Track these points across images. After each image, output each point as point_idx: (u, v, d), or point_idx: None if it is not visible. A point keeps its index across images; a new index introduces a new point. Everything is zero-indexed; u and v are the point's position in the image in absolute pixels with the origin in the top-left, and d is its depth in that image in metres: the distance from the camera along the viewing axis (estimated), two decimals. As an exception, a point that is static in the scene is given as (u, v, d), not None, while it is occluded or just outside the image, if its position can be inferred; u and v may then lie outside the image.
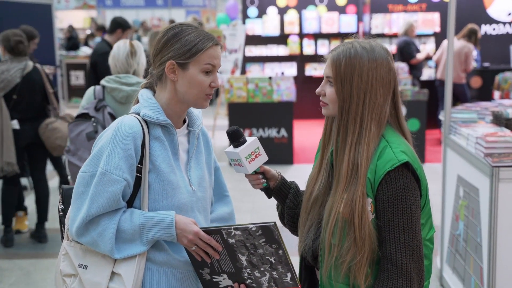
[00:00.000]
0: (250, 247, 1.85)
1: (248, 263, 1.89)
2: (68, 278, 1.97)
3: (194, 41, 1.93)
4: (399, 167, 1.74)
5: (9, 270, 4.82)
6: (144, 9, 18.41)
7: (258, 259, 1.87)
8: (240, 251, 1.87)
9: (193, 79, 1.94)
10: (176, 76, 1.95)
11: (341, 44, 1.85)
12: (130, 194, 1.93)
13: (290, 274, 1.86)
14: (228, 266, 1.93)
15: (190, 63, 1.94)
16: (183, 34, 1.95)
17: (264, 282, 1.91)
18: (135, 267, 1.90)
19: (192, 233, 1.89)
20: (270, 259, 1.85)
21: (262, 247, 1.83)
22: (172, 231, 1.89)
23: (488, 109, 4.42)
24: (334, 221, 1.78)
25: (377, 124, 1.80)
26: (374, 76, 1.78)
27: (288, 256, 1.84)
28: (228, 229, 1.85)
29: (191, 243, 1.90)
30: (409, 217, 1.74)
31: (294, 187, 2.09)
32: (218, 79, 7.60)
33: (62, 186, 2.11)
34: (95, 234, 1.88)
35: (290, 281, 1.87)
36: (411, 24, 9.31)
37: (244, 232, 1.83)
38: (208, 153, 2.16)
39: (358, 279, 1.77)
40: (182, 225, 1.89)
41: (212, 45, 1.95)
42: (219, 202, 2.25)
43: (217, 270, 1.95)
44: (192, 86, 1.95)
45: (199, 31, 1.97)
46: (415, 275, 1.75)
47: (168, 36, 1.96)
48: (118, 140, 1.89)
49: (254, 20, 11.35)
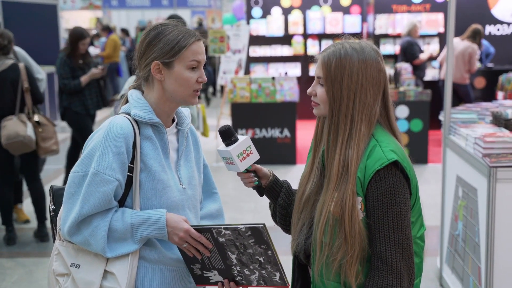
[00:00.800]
0: (239, 246, 1.87)
1: (238, 261, 1.92)
2: (61, 277, 1.99)
3: (176, 39, 1.95)
4: (388, 165, 1.76)
5: (11, 268, 4.86)
6: (149, 10, 18.46)
7: (247, 258, 1.89)
8: (230, 249, 1.90)
9: (179, 76, 1.96)
10: (163, 75, 1.97)
11: (332, 45, 1.88)
12: (122, 193, 1.95)
13: (279, 273, 1.88)
14: (219, 263, 1.95)
15: (175, 61, 1.95)
16: (165, 33, 1.97)
17: (253, 279, 1.94)
18: (128, 265, 1.92)
19: (182, 230, 1.91)
20: (259, 258, 1.87)
21: (251, 247, 1.86)
22: (163, 229, 1.91)
23: (489, 109, 4.42)
24: (325, 220, 1.80)
25: (367, 124, 1.82)
26: (364, 76, 1.80)
27: (277, 257, 1.86)
28: (218, 228, 1.87)
29: (182, 240, 1.92)
30: (399, 215, 1.76)
31: (286, 186, 2.11)
32: (223, 79, 7.65)
33: (52, 186, 2.13)
34: (87, 234, 1.90)
35: (279, 280, 1.90)
36: (414, 24, 9.31)
37: (234, 232, 1.85)
38: (196, 152, 2.18)
39: (349, 277, 1.79)
40: (173, 223, 1.92)
41: (195, 41, 1.97)
42: (208, 199, 2.27)
43: (208, 266, 1.98)
44: (179, 84, 1.97)
45: (180, 29, 1.99)
46: (405, 272, 1.77)
47: (150, 37, 1.98)
48: (110, 141, 1.91)
49: (258, 21, 11.38)
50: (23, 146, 5.13)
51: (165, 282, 2.01)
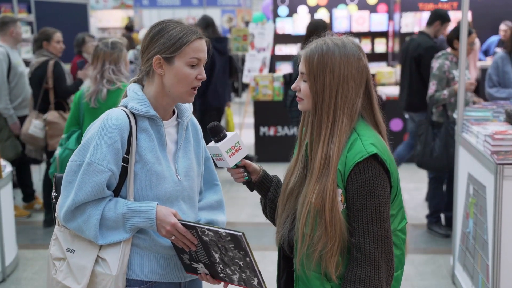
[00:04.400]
0: (221, 248, 1.93)
1: (221, 260, 1.98)
2: (58, 261, 2.09)
3: (178, 35, 2.02)
4: (367, 158, 1.79)
5: (33, 259, 5.01)
6: (180, 9, 18.61)
7: (229, 259, 1.95)
8: (213, 249, 1.96)
9: (179, 72, 2.02)
10: (163, 70, 2.03)
11: (314, 41, 1.92)
12: (116, 183, 2.03)
13: (257, 279, 1.94)
14: (204, 258, 2.02)
15: (176, 57, 2.02)
16: (168, 29, 2.03)
17: (235, 279, 2.01)
18: (120, 252, 2.00)
19: (169, 224, 1.98)
20: (239, 262, 1.93)
21: (232, 251, 1.92)
22: (153, 221, 1.99)
23: (504, 107, 4.39)
24: (307, 211, 1.85)
25: (349, 118, 1.85)
26: (346, 71, 1.84)
27: (255, 264, 1.91)
28: (202, 228, 1.94)
29: (169, 233, 1.99)
30: (378, 207, 1.79)
31: (276, 181, 2.15)
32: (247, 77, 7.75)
33: (55, 174, 2.22)
34: (80, 221, 1.99)
35: (257, 285, 1.96)
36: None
37: (216, 235, 1.91)
38: (197, 144, 2.24)
39: (329, 268, 1.83)
40: (162, 216, 1.99)
41: (196, 39, 2.03)
42: (209, 190, 2.33)
43: (195, 259, 2.05)
44: (178, 80, 2.03)
45: (183, 26, 2.05)
46: (384, 264, 1.80)
47: (154, 32, 2.05)
48: (105, 133, 1.99)
49: (284, 19, 11.40)
50: (31, 141, 5.45)
51: (158, 268, 2.08)
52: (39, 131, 5.47)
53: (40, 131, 5.48)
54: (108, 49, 4.11)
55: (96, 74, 4.10)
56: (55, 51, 5.73)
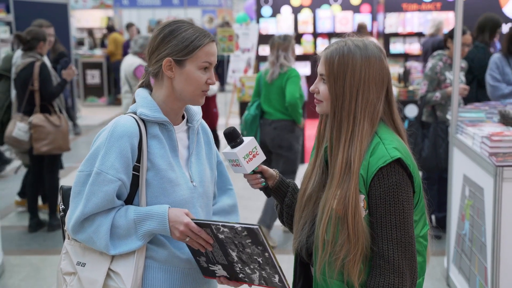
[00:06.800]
0: (238, 245, 1.87)
1: (239, 259, 1.91)
2: (68, 276, 1.99)
3: (191, 38, 1.94)
4: (391, 163, 1.75)
5: (19, 265, 4.89)
6: (160, 9, 18.48)
7: (247, 257, 1.88)
8: (230, 247, 1.89)
9: (190, 76, 1.96)
10: (173, 73, 1.96)
11: (335, 42, 1.86)
12: (127, 193, 1.94)
13: (278, 276, 1.86)
14: (221, 259, 1.95)
15: (187, 60, 1.95)
16: (180, 31, 1.96)
17: (255, 278, 1.93)
18: (134, 265, 1.91)
19: (182, 224, 1.89)
20: (258, 259, 1.86)
21: (249, 247, 1.85)
22: (165, 223, 1.89)
23: (497, 108, 4.40)
24: (328, 218, 1.79)
25: (370, 122, 1.80)
26: (367, 73, 1.79)
27: (275, 259, 1.84)
28: (216, 225, 1.87)
29: (183, 235, 1.90)
30: (402, 214, 1.75)
31: (292, 186, 2.10)
32: (232, 78, 7.88)
33: (62, 186, 2.13)
34: (90, 231, 1.90)
35: (278, 283, 1.88)
36: (442, 22, 9.12)
37: (232, 231, 1.84)
38: (208, 148, 2.16)
39: (352, 276, 1.78)
40: (174, 217, 1.90)
41: (209, 42, 1.97)
42: (223, 195, 2.25)
43: (212, 260, 1.97)
44: (189, 83, 1.96)
45: (195, 28, 1.98)
46: (408, 271, 1.76)
47: (165, 33, 1.97)
48: (114, 141, 1.90)
49: (268, 20, 11.37)
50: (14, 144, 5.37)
51: (174, 283, 1.99)
52: (23, 134, 5.34)
53: (24, 134, 5.34)
54: (281, 40, 5.29)
55: (273, 59, 5.29)
56: (44, 50, 5.55)
